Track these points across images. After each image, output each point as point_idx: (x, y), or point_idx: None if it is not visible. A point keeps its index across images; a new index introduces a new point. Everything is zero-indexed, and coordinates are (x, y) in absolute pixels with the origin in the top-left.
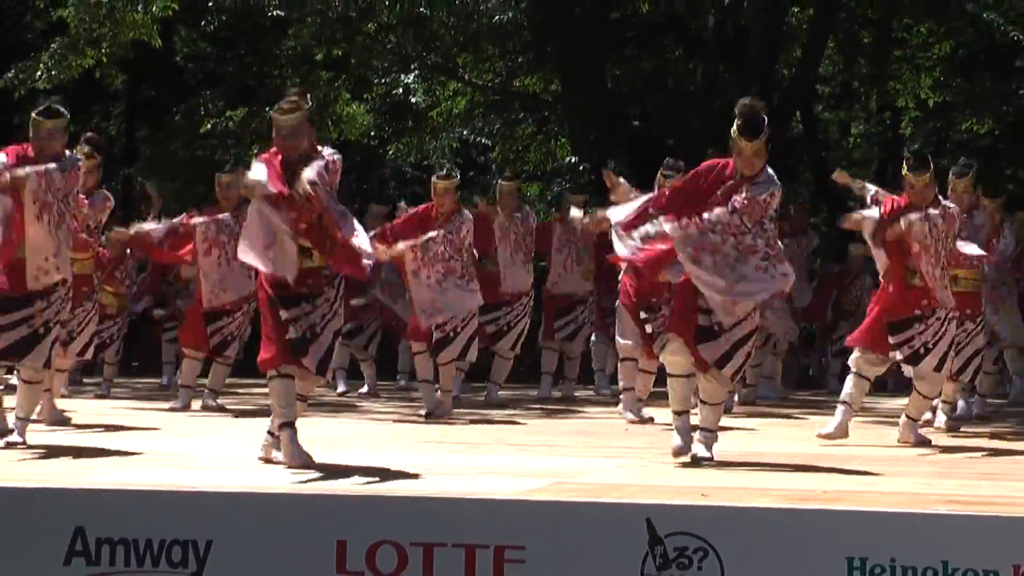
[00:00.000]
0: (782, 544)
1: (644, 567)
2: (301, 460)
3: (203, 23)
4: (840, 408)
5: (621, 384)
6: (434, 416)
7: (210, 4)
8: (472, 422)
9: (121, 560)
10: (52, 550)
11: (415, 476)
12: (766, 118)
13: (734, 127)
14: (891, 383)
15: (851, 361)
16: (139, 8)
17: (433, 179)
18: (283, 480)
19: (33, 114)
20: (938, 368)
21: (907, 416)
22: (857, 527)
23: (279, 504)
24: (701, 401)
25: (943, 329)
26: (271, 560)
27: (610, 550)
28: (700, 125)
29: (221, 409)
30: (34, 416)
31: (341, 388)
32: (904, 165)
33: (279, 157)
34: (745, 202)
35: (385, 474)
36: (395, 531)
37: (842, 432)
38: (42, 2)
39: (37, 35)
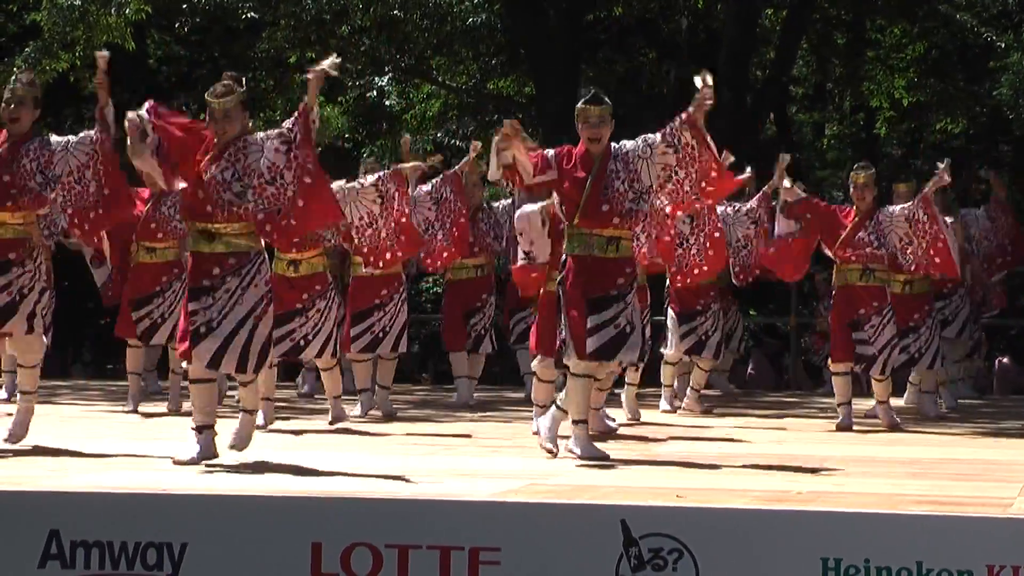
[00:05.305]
0: (757, 545)
1: (619, 568)
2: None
3: (176, 26)
4: None
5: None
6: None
7: (183, 7)
8: (446, 423)
9: (96, 563)
10: (27, 553)
11: (390, 478)
12: None
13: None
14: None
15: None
16: (112, 11)
17: None
18: (258, 482)
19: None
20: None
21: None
22: (832, 528)
23: (254, 506)
24: None
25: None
26: (246, 562)
27: (585, 551)
28: None
29: None
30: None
31: (306, 389)
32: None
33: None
34: None
35: (360, 476)
36: (370, 533)
37: None
38: (15, 5)
39: (10, 39)
